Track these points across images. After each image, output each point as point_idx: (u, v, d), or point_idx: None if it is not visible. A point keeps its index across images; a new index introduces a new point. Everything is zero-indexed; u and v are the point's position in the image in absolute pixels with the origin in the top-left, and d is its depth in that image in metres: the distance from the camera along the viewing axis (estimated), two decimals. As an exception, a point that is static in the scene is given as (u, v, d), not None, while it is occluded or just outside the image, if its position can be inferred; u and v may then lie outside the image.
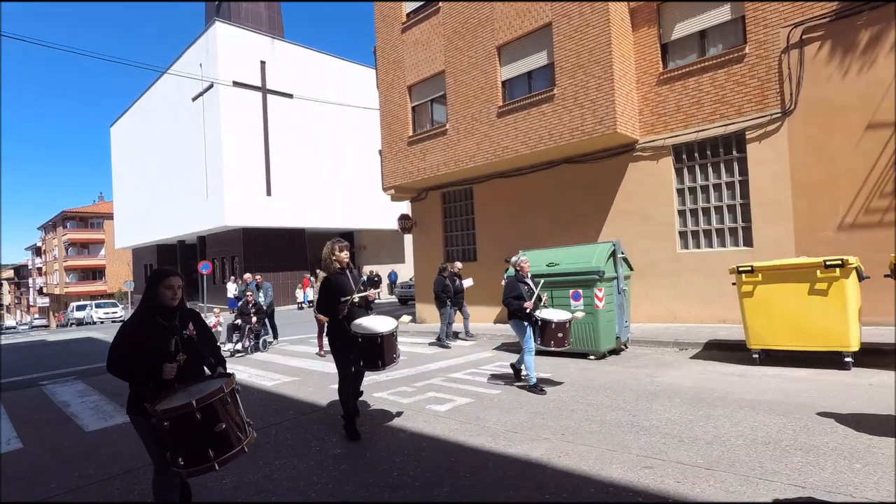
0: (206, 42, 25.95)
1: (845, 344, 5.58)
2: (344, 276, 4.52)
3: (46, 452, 4.62)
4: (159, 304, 2.72)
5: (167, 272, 2.78)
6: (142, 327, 2.67)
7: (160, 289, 2.72)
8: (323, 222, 28.49)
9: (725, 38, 8.86)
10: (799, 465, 3.21)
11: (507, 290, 5.75)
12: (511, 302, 5.68)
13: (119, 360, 2.62)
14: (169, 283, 2.73)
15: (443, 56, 11.94)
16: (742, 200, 8.70)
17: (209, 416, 2.44)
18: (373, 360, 4.24)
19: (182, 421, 2.40)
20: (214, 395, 2.47)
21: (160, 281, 2.73)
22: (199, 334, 2.88)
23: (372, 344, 4.21)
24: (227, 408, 2.52)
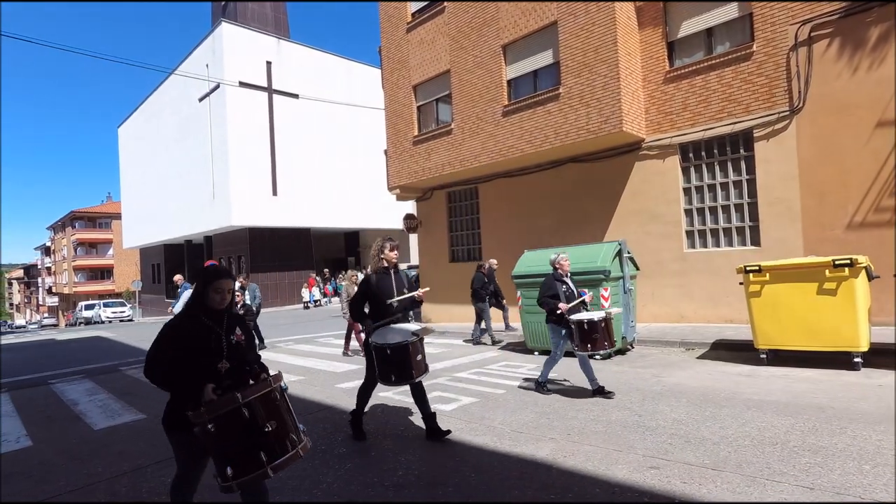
0: (212, 43, 26.08)
1: (854, 344, 5.52)
2: (388, 277, 4.28)
3: (55, 450, 4.66)
4: (207, 307, 2.51)
5: (218, 273, 2.53)
6: (187, 329, 2.46)
7: (210, 292, 2.48)
8: (328, 222, 28.58)
9: (733, 35, 8.79)
10: (807, 467, 3.19)
11: (544, 289, 5.43)
12: (546, 301, 5.33)
13: (157, 364, 2.38)
14: (219, 287, 2.49)
15: (448, 55, 11.93)
16: (750, 199, 8.63)
17: (257, 413, 2.18)
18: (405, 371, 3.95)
19: (229, 420, 2.13)
20: (261, 388, 2.25)
21: (209, 283, 2.48)
22: (245, 340, 2.65)
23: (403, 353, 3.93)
24: (276, 405, 2.27)
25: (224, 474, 2.14)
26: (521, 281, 8.15)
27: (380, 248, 4.35)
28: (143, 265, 41.92)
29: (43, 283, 71.29)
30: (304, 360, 8.77)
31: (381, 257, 4.31)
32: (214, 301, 2.49)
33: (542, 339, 7.92)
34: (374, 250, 4.36)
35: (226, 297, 2.51)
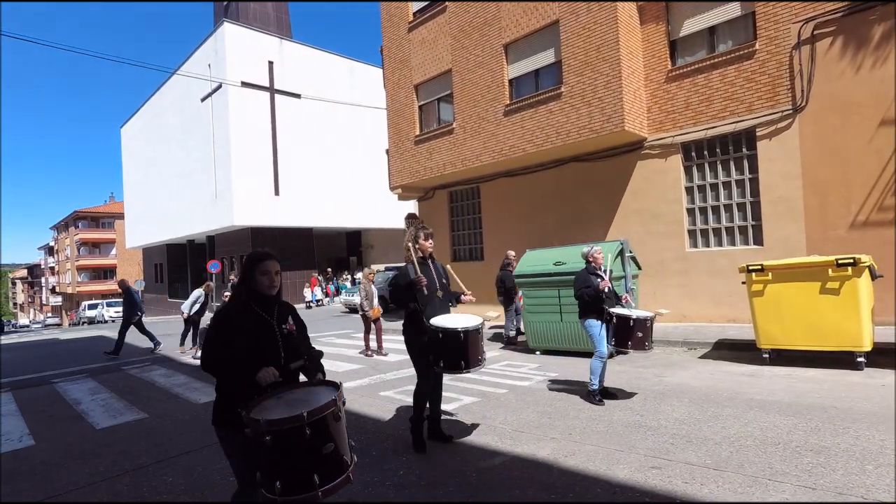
0: (214, 43, 26.12)
1: (858, 344, 5.50)
2: (427, 268, 4.02)
3: (58, 449, 4.67)
4: (256, 293, 2.35)
5: (262, 255, 2.37)
6: (240, 318, 2.29)
7: (256, 275, 2.33)
8: (330, 221, 28.60)
9: (735, 34, 8.76)
10: (809, 467, 3.17)
11: (579, 283, 5.19)
12: (585, 291, 5.07)
13: (213, 357, 2.25)
14: (265, 268, 2.33)
15: (449, 55, 11.92)
16: (752, 198, 8.61)
17: (319, 434, 2.00)
18: (454, 360, 3.72)
19: (288, 437, 1.95)
20: (327, 408, 2.01)
21: (255, 266, 2.34)
22: (298, 331, 2.50)
23: (454, 342, 3.70)
24: (338, 424, 2.08)
25: (272, 487, 1.99)
26: (524, 280, 8.14)
27: (415, 236, 4.05)
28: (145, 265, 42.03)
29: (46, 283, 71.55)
30: (305, 360, 8.76)
31: (417, 247, 4.03)
32: (263, 285, 2.33)
33: (544, 339, 7.92)
34: (409, 239, 4.06)
35: (275, 279, 2.35)
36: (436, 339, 3.72)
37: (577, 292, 5.20)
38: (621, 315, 5.04)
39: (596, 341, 5.04)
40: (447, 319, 3.83)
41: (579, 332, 7.46)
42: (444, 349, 3.72)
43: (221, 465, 3.95)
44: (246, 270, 2.37)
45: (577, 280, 5.26)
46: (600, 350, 5.01)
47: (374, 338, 9.13)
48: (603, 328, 5.05)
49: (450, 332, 3.70)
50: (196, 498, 3.40)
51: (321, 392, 2.19)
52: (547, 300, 7.81)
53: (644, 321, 4.99)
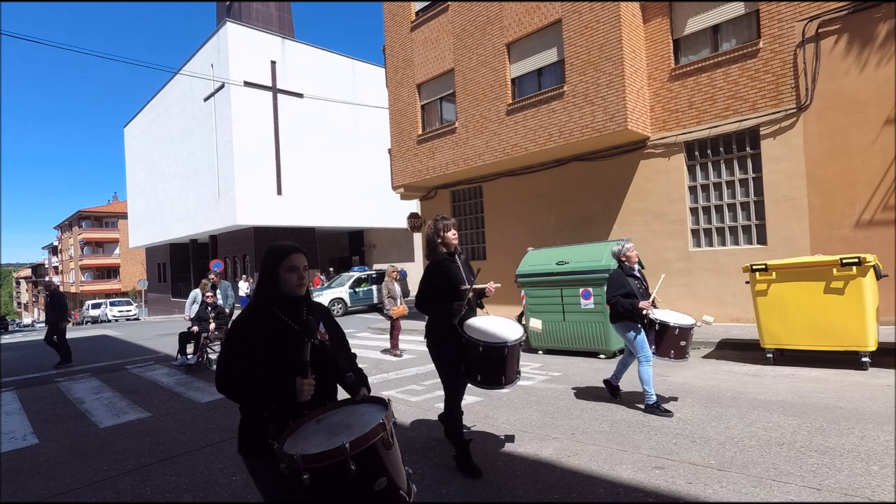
0: (217, 42, 26.16)
1: (862, 343, 5.47)
2: (454, 264, 3.58)
3: (62, 448, 4.69)
4: (281, 294, 1.94)
5: (287, 248, 1.97)
6: (260, 328, 1.87)
7: (280, 272, 1.93)
8: (333, 221, 28.61)
9: (739, 32, 8.72)
10: (814, 467, 3.15)
11: (613, 287, 4.72)
12: (620, 301, 4.60)
13: (232, 375, 1.83)
14: (292, 264, 1.94)
15: (452, 54, 11.91)
16: (756, 198, 8.57)
17: (368, 467, 1.63)
18: (494, 375, 3.28)
19: (330, 474, 1.58)
20: (374, 434, 1.63)
21: (280, 261, 1.94)
22: (332, 339, 2.06)
23: (496, 355, 3.24)
24: (390, 453, 1.71)
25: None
26: (526, 280, 8.13)
27: (436, 230, 3.59)
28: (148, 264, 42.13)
29: (50, 283, 71.76)
30: (308, 359, 8.76)
31: (440, 241, 3.57)
32: (290, 283, 1.93)
33: (547, 339, 7.90)
34: (429, 232, 3.61)
35: (304, 276, 1.96)
36: (475, 351, 3.24)
37: (610, 298, 4.68)
38: (663, 322, 4.57)
39: (639, 347, 4.58)
40: (485, 326, 3.41)
41: (582, 331, 7.45)
42: (483, 362, 3.26)
43: (224, 464, 3.96)
44: (267, 267, 1.95)
45: (611, 284, 4.74)
46: (646, 355, 4.56)
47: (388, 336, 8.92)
48: (643, 331, 4.62)
49: (492, 345, 3.22)
50: (199, 497, 3.40)
51: (367, 413, 1.81)
52: (549, 300, 7.79)
53: (688, 330, 4.58)
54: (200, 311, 8.78)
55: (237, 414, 1.98)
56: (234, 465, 3.91)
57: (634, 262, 4.84)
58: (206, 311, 8.78)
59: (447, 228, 3.58)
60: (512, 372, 3.34)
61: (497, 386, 3.32)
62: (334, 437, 1.64)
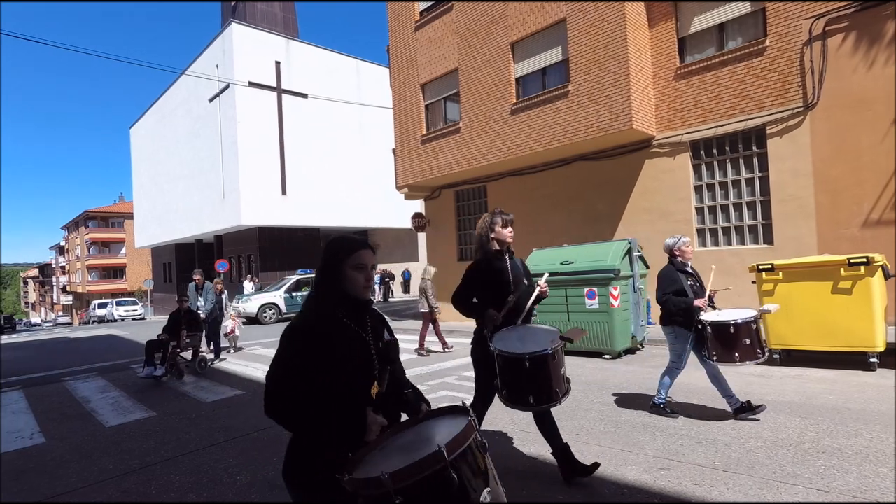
0: (222, 43, 26.27)
1: (870, 344, 5.42)
2: (502, 263, 3.17)
3: (68, 447, 4.71)
4: (345, 296, 1.64)
5: (357, 243, 1.68)
6: (323, 335, 1.57)
7: (347, 269, 1.63)
8: (337, 221, 28.67)
9: (745, 31, 8.66)
10: (822, 469, 3.12)
11: (664, 284, 4.24)
12: (673, 300, 4.12)
13: (285, 395, 1.50)
14: (361, 261, 1.65)
15: (456, 54, 11.90)
16: (762, 197, 8.51)
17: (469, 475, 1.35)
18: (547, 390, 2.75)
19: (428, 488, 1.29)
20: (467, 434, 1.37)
21: (347, 256, 1.64)
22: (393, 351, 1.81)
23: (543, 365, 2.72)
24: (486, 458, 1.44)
25: None
26: (530, 280, 8.10)
27: (489, 223, 3.19)
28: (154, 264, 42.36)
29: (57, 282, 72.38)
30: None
31: (493, 236, 3.17)
32: (358, 284, 1.64)
33: (551, 339, 7.86)
34: (482, 227, 3.21)
35: (371, 277, 1.69)
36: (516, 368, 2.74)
37: (661, 296, 4.22)
38: (718, 323, 3.98)
39: (677, 356, 4.23)
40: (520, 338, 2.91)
41: (590, 331, 7.42)
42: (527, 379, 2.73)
43: (228, 463, 3.97)
44: (332, 261, 1.65)
45: (662, 281, 4.28)
46: (681, 364, 4.25)
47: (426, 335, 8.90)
48: (691, 342, 4.19)
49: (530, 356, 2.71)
50: (203, 497, 3.40)
51: (439, 425, 1.53)
52: (554, 300, 7.77)
53: (749, 324, 3.93)
54: (174, 317, 7.96)
55: (242, 414, 1.95)
56: (238, 464, 3.92)
57: (689, 258, 4.37)
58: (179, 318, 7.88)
59: (505, 224, 3.17)
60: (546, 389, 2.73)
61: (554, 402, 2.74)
62: (416, 452, 1.32)
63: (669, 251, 4.42)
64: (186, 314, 8.01)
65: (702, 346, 4.14)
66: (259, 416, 5.19)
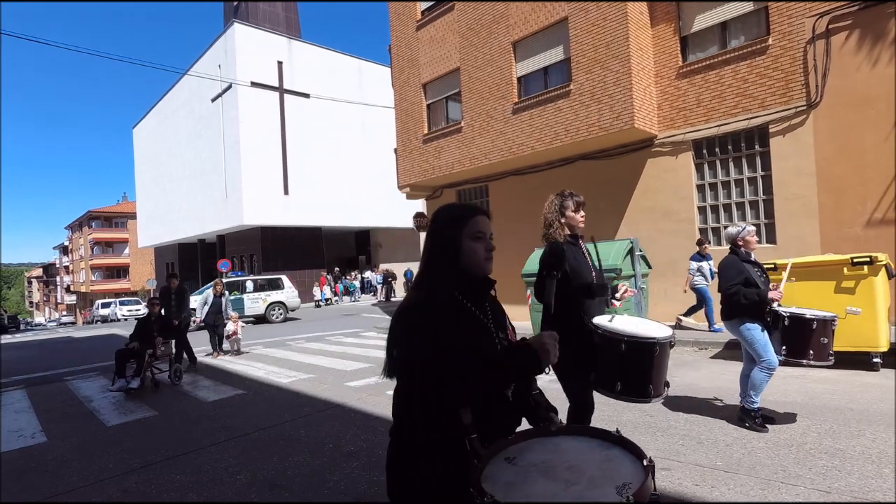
0: (224, 43, 26.32)
1: (874, 344, 5.39)
2: (577, 250, 2.88)
3: (69, 446, 4.72)
4: (463, 273, 1.37)
5: (471, 209, 1.43)
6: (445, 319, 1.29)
7: (465, 240, 1.37)
8: (339, 221, 28.71)
9: (748, 29, 8.62)
10: (824, 470, 3.10)
11: (730, 274, 3.89)
12: (744, 291, 3.75)
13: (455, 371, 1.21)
14: (478, 228, 1.39)
15: (457, 53, 11.88)
16: (765, 196, 8.47)
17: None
18: (639, 384, 2.51)
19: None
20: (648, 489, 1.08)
21: (463, 225, 1.38)
22: None
23: (643, 357, 2.48)
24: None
25: None
26: (531, 279, 8.09)
27: (560, 206, 2.86)
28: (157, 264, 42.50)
29: (61, 282, 72.69)
30: (313, 358, 8.80)
31: (564, 221, 2.86)
32: (477, 257, 1.37)
33: (553, 338, 7.85)
34: (551, 212, 2.86)
35: (492, 246, 1.42)
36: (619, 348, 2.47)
37: (727, 288, 3.84)
38: (797, 316, 3.74)
39: (763, 349, 3.80)
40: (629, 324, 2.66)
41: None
42: (623, 366, 2.50)
43: (228, 463, 3.97)
44: (446, 231, 1.38)
45: (726, 271, 3.93)
46: (769, 360, 3.79)
47: None
48: (767, 330, 3.86)
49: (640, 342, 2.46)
50: (203, 496, 3.41)
51: (583, 451, 1.21)
52: (555, 299, 7.76)
53: (830, 323, 3.75)
54: (141, 324, 7.40)
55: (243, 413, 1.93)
56: (238, 463, 3.92)
57: (753, 248, 4.07)
58: (150, 325, 7.31)
59: (577, 207, 2.87)
60: (660, 381, 2.54)
61: (643, 397, 2.52)
62: (574, 487, 1.08)
63: (732, 241, 4.11)
64: (158, 319, 7.43)
65: (775, 344, 3.87)
66: (260, 416, 5.19)
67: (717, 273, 4.06)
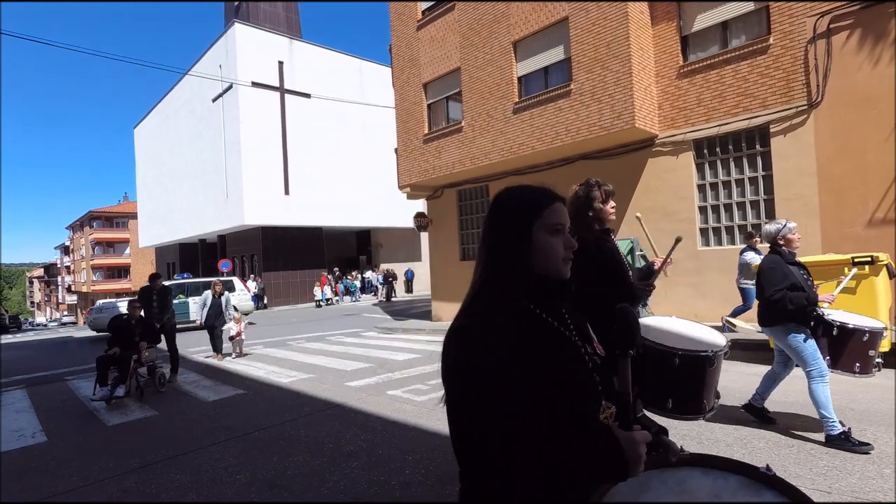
0: (225, 43, 26.33)
1: (875, 344, 5.36)
2: (612, 247, 2.59)
3: (69, 446, 4.73)
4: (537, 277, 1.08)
5: (546, 196, 1.12)
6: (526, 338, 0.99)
7: (538, 235, 1.07)
8: (340, 221, 28.71)
9: (749, 28, 8.61)
10: (825, 470, 3.09)
11: (774, 278, 3.53)
12: (792, 296, 3.42)
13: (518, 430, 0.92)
14: (556, 220, 1.09)
15: (458, 53, 11.88)
16: (766, 196, 8.46)
17: None
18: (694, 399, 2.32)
19: None
20: None
21: (537, 215, 1.08)
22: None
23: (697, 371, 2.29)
24: None
25: None
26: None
27: (586, 196, 2.51)
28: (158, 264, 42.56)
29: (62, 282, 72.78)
30: (313, 358, 8.80)
31: (591, 214, 2.51)
32: (556, 256, 1.08)
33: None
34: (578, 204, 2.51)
35: (572, 244, 1.10)
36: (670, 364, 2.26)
37: (772, 293, 3.50)
38: (849, 326, 3.47)
39: (810, 357, 3.50)
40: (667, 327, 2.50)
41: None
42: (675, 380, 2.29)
43: (228, 462, 3.97)
44: (512, 230, 1.08)
45: (769, 274, 3.56)
46: (819, 367, 3.48)
47: None
48: (813, 338, 3.56)
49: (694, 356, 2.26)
50: (203, 496, 3.40)
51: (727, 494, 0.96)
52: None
53: (879, 335, 3.53)
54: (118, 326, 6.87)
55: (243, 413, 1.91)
56: (238, 463, 3.92)
57: (796, 246, 3.72)
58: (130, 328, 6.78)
59: (605, 197, 2.52)
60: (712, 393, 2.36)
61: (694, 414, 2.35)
62: None
63: (772, 239, 3.72)
64: (140, 323, 6.93)
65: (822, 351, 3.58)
66: (260, 416, 5.19)
67: (758, 275, 3.69)
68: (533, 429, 0.92)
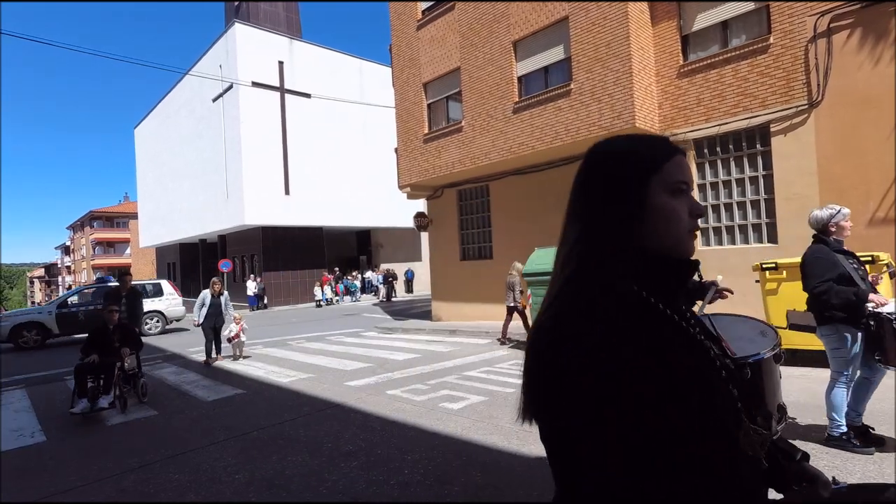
0: (225, 43, 26.33)
1: (875, 344, 5.34)
2: None
3: (69, 446, 4.72)
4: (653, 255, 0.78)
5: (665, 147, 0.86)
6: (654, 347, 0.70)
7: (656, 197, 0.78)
8: (340, 221, 28.70)
9: (749, 28, 8.60)
10: (826, 469, 3.05)
11: (819, 268, 3.19)
12: (837, 289, 3.08)
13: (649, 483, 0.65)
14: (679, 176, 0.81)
15: (458, 53, 11.87)
16: (766, 196, 8.44)
17: None
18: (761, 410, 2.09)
19: None
20: None
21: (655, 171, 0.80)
22: None
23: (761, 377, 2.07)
24: None
25: None
26: (532, 279, 8.08)
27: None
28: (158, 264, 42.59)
29: (63, 282, 72.80)
30: (313, 358, 8.79)
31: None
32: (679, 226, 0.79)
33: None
34: None
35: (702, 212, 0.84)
36: None
37: (816, 285, 3.14)
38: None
39: (845, 363, 3.24)
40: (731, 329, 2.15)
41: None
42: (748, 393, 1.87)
43: (227, 462, 3.96)
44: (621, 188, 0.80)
45: (813, 264, 3.21)
46: (846, 373, 3.27)
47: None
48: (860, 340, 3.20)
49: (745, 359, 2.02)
50: (201, 496, 3.40)
51: None
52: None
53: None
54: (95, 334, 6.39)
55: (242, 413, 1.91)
56: (237, 463, 3.91)
57: (847, 234, 3.35)
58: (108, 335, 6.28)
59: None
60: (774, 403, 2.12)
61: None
62: None
63: (822, 226, 3.37)
64: (119, 328, 6.41)
65: (873, 348, 3.21)
66: (259, 415, 5.19)
67: (802, 266, 3.31)
68: (671, 465, 0.67)
